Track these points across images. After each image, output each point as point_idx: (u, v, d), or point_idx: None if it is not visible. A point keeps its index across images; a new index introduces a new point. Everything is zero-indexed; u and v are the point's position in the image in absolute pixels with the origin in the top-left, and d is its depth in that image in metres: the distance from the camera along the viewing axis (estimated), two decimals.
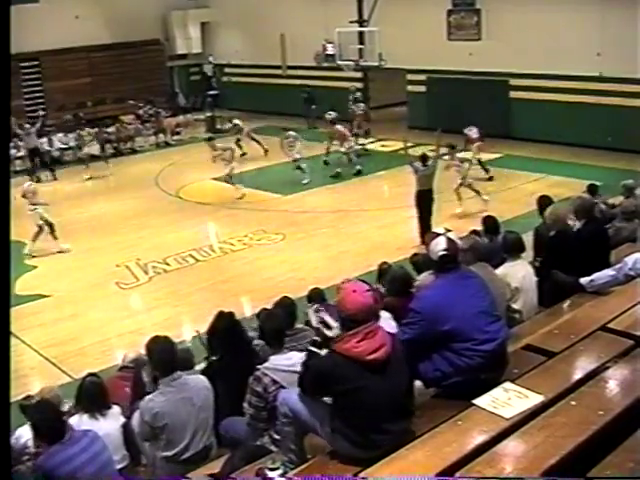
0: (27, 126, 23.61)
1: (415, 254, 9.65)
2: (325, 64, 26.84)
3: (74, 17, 28.77)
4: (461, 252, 5.42)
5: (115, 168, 23.83)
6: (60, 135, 25.65)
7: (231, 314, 6.35)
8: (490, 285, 5.52)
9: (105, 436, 5.31)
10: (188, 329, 12.00)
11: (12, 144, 24.07)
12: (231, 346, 5.86)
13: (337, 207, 18.03)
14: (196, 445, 5.59)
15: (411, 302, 5.35)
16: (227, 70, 32.89)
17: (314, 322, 4.65)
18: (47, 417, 5.12)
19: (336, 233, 16.11)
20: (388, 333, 4.60)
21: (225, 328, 5.99)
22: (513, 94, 23.24)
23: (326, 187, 19.91)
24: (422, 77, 25.48)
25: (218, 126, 28.37)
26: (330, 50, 26.51)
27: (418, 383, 5.24)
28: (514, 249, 7.39)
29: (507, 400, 4.69)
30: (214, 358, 6.31)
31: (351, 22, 25.98)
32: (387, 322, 5.84)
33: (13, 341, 11.52)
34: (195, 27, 32.67)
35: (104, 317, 12.71)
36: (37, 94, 29.49)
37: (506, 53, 22.36)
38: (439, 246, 5.11)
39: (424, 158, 14.97)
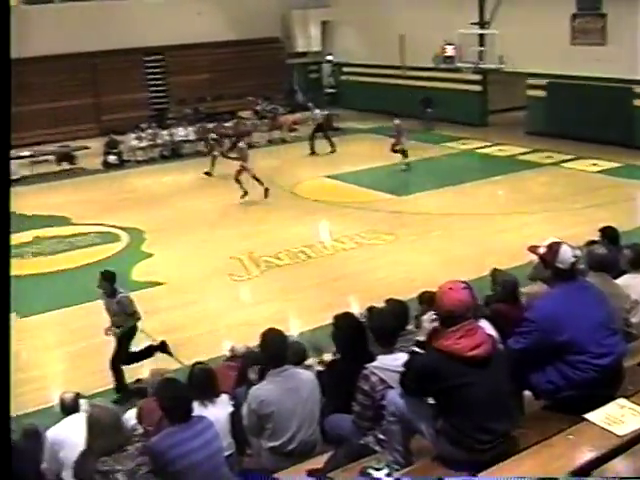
0: None
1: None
2: (443, 65, 26.67)
3: (196, 14, 29.58)
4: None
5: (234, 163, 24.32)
6: (181, 128, 26.33)
7: (352, 314, 6.36)
8: (608, 297, 5.37)
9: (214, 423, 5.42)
10: (297, 324, 12.13)
11: (134, 135, 25.02)
12: (353, 346, 5.87)
13: (451, 210, 17.79)
14: (302, 437, 5.62)
15: (526, 311, 5.26)
16: (345, 69, 33.04)
17: (428, 326, 4.64)
18: (174, 395, 5.26)
19: (449, 236, 15.86)
20: (487, 334, 4.57)
21: (349, 327, 6.01)
22: (637, 102, 22.50)
23: (440, 190, 19.70)
24: (543, 82, 24.92)
25: (335, 124, 28.55)
26: (449, 52, 26.35)
27: (527, 393, 5.16)
28: (637, 261, 7.16)
29: (621, 417, 4.57)
30: (337, 356, 6.33)
31: (472, 24, 25.74)
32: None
33: None
34: (315, 26, 32.99)
35: (215, 307, 12.94)
36: (161, 87, 30.57)
37: (632, 59, 21.66)
38: (568, 253, 4.98)
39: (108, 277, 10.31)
